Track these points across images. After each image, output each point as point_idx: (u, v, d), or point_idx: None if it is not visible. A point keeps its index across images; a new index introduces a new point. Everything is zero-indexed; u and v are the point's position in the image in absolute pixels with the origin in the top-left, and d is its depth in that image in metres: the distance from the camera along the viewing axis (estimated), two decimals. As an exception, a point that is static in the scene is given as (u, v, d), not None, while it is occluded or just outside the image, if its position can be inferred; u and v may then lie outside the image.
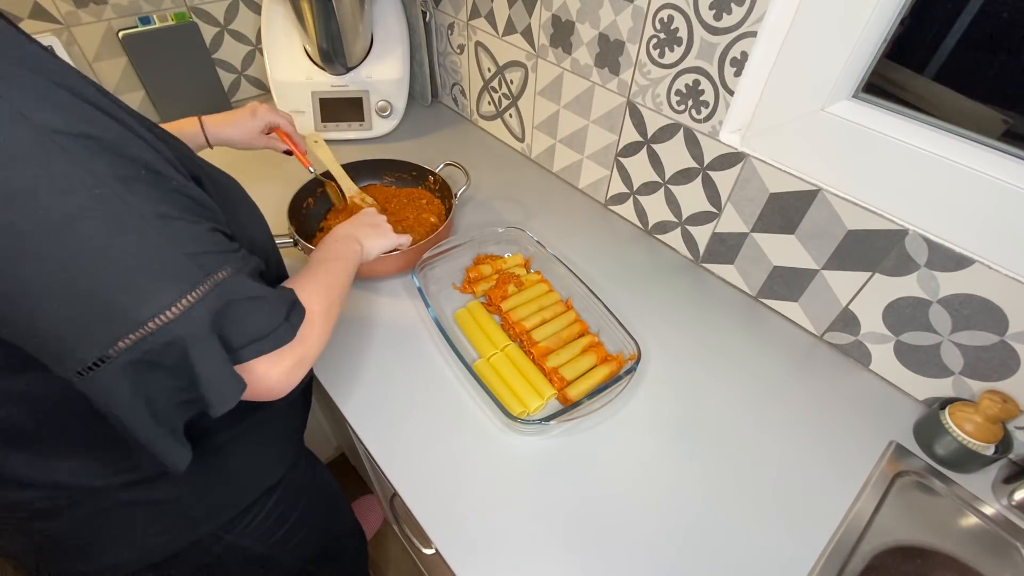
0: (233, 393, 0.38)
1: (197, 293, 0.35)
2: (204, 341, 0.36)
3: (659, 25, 0.73)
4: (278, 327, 0.41)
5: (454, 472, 0.60)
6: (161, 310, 0.33)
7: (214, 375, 0.37)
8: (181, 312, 0.34)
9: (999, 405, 0.57)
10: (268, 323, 0.40)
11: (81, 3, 0.96)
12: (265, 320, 0.40)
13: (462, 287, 0.81)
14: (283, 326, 0.41)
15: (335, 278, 0.54)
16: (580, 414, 0.63)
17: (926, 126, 0.61)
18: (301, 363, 0.44)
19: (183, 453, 0.39)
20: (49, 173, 0.29)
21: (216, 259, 0.37)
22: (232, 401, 0.38)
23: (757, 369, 0.72)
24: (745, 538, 0.56)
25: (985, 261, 0.56)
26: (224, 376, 0.37)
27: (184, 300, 0.34)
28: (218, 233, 0.39)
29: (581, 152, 0.98)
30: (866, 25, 0.58)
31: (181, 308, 0.34)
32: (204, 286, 0.35)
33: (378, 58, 1.08)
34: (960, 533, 0.60)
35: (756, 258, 0.78)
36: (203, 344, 0.36)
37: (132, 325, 0.33)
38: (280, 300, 0.42)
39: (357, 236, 0.64)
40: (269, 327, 0.40)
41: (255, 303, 0.39)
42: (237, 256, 0.39)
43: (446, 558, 0.54)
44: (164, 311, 0.33)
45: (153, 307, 0.33)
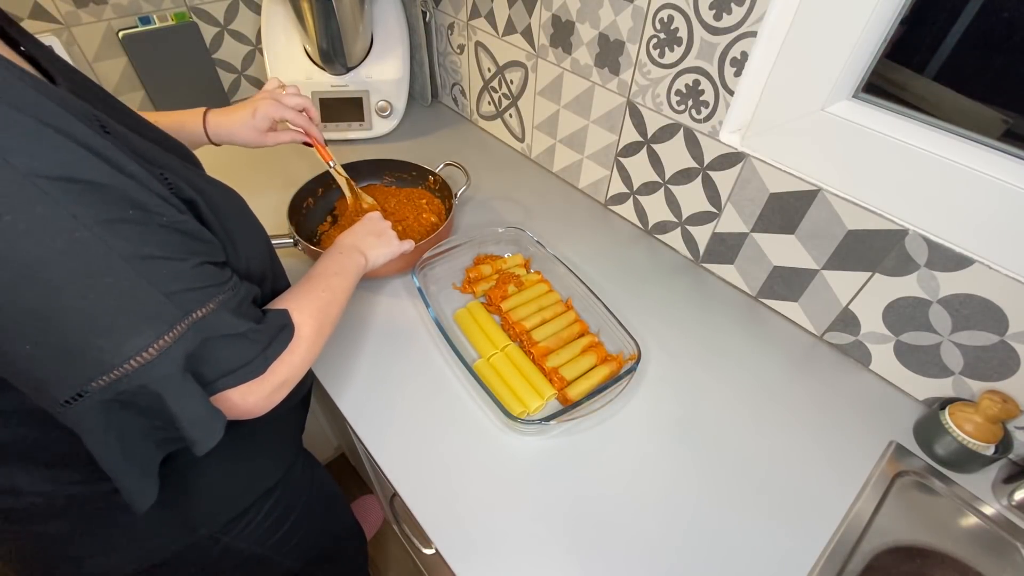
0: (214, 430, 0.39)
1: (173, 334, 0.35)
2: (178, 382, 0.36)
3: (659, 25, 0.73)
4: (252, 360, 0.41)
5: (454, 472, 0.60)
6: (136, 353, 0.33)
7: (192, 414, 0.37)
8: (156, 355, 0.34)
9: (999, 405, 0.57)
10: (242, 358, 0.41)
11: (81, 3, 0.96)
12: (239, 355, 0.41)
13: (462, 287, 0.81)
14: (257, 359, 0.42)
15: (332, 295, 0.54)
16: (580, 414, 0.63)
17: (926, 126, 0.61)
18: (282, 387, 0.45)
19: (147, 494, 0.39)
20: (27, 217, 0.29)
21: (197, 296, 0.37)
22: (214, 438, 0.39)
23: (757, 369, 0.72)
24: (745, 538, 0.56)
25: (985, 261, 0.56)
26: (202, 414, 0.38)
27: (160, 342, 0.34)
28: (206, 266, 0.39)
29: (581, 152, 0.98)
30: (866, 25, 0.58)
31: (156, 350, 0.34)
32: (181, 325, 0.36)
33: (378, 58, 1.08)
34: (960, 533, 0.60)
35: (756, 258, 0.78)
36: (177, 385, 0.36)
37: (106, 368, 0.33)
38: (260, 334, 0.42)
39: (361, 248, 0.64)
40: (242, 361, 0.41)
41: (232, 340, 0.40)
42: (224, 288, 0.40)
43: (446, 558, 0.54)
44: (139, 354, 0.34)
45: (128, 350, 0.33)
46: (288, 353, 0.45)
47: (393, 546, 1.29)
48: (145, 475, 0.39)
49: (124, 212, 0.33)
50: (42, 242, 0.30)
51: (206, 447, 0.39)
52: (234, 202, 0.49)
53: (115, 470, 0.37)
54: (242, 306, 0.42)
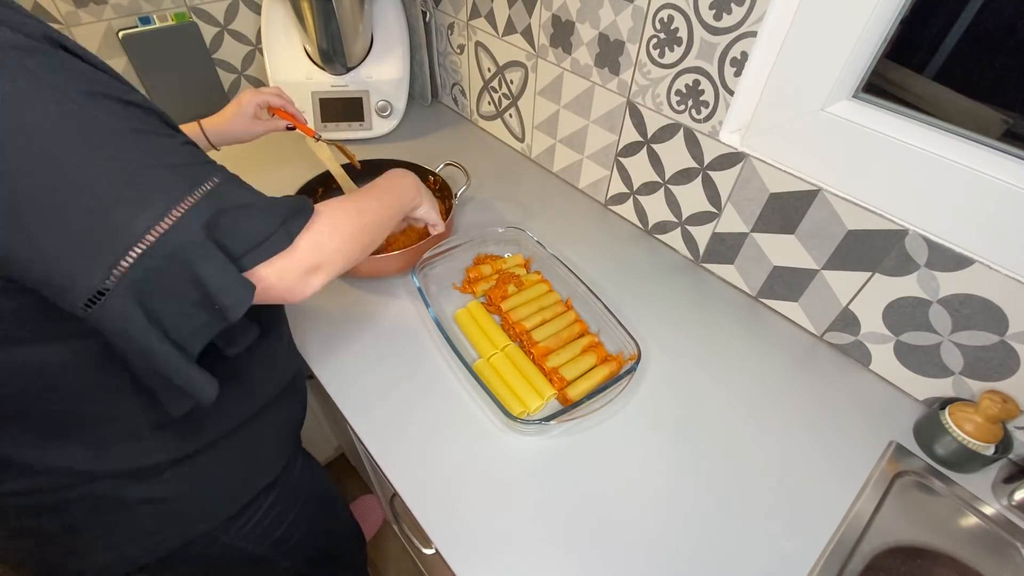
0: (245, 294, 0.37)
1: (188, 202, 0.34)
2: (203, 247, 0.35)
3: (659, 25, 0.73)
4: (273, 234, 0.40)
5: (454, 472, 0.60)
6: (156, 221, 0.33)
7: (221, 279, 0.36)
8: (175, 221, 0.34)
9: (999, 405, 0.57)
10: (262, 230, 0.39)
11: (81, 3, 0.96)
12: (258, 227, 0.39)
13: (462, 287, 0.81)
14: (279, 231, 0.40)
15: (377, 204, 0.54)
16: (580, 414, 0.63)
17: (926, 126, 0.61)
18: (318, 271, 0.43)
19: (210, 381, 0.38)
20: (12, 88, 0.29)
21: (198, 170, 0.36)
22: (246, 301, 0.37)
23: (757, 369, 0.72)
24: (745, 538, 0.56)
25: (985, 261, 0.56)
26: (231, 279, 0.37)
27: (177, 210, 0.34)
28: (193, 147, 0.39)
29: (581, 152, 0.98)
30: (866, 25, 0.58)
31: (175, 217, 0.34)
32: (194, 195, 0.35)
33: (378, 58, 1.08)
34: (960, 533, 0.60)
35: (756, 258, 0.78)
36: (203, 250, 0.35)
37: (130, 240, 0.32)
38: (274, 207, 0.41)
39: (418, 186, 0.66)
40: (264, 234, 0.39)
41: (247, 211, 0.38)
42: (218, 167, 0.39)
43: (446, 558, 0.54)
44: (159, 222, 0.33)
45: (147, 219, 0.33)
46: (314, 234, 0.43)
47: (393, 546, 1.29)
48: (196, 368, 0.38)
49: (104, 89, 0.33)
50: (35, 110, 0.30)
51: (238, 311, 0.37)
52: None
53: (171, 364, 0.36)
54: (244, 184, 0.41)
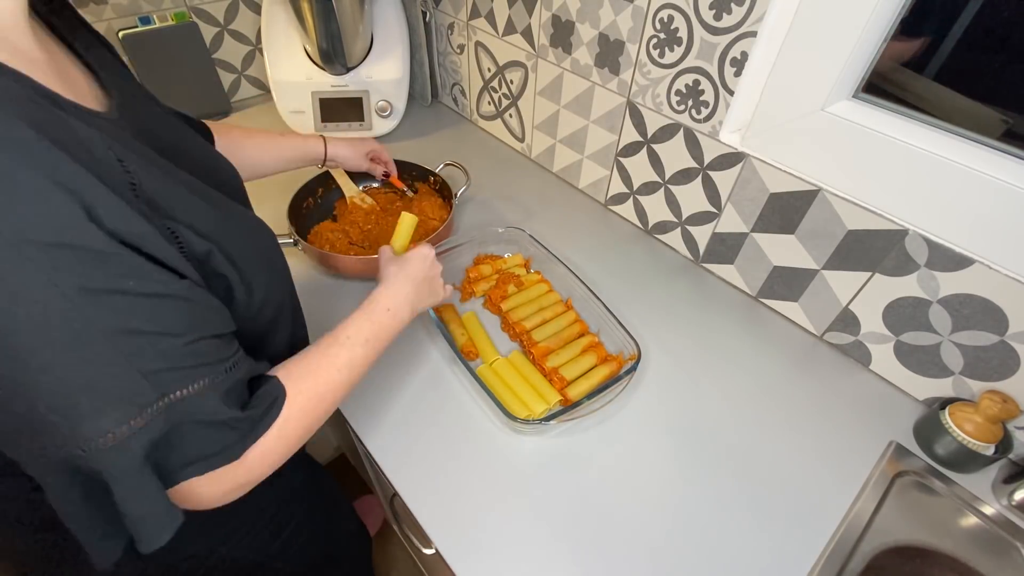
0: (163, 530, 0.35)
1: (141, 419, 0.31)
2: (134, 474, 0.32)
3: (659, 25, 0.73)
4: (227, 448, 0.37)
5: (454, 472, 0.60)
6: (93, 438, 0.30)
7: (141, 511, 0.33)
8: (115, 442, 0.31)
9: (999, 405, 0.57)
10: (216, 444, 0.36)
11: (81, 3, 0.96)
12: (214, 442, 0.36)
13: (462, 287, 0.81)
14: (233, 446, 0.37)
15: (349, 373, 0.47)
16: (580, 414, 0.63)
17: (926, 126, 0.61)
18: (242, 488, 0.40)
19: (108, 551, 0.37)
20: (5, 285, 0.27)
21: (181, 376, 0.33)
22: (162, 540, 0.35)
23: (757, 369, 0.72)
24: (745, 538, 0.56)
25: (985, 261, 0.56)
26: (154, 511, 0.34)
27: (123, 428, 0.31)
28: (206, 341, 0.35)
29: (581, 152, 0.98)
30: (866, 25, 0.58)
31: (116, 437, 0.31)
32: (151, 409, 0.32)
33: (378, 58, 1.08)
34: (960, 533, 0.60)
35: (756, 258, 0.78)
36: (133, 477, 0.32)
37: (59, 445, 0.30)
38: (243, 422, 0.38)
39: (413, 303, 0.57)
40: (215, 448, 0.36)
41: (211, 427, 0.36)
42: (217, 368, 0.36)
43: (446, 558, 0.54)
44: (96, 439, 0.30)
45: (85, 433, 0.30)
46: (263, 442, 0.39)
47: (393, 546, 1.29)
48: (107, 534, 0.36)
49: (116, 282, 0.30)
50: (13, 312, 0.27)
51: (151, 547, 0.34)
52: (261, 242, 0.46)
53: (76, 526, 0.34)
54: (234, 389, 0.37)
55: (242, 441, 0.38)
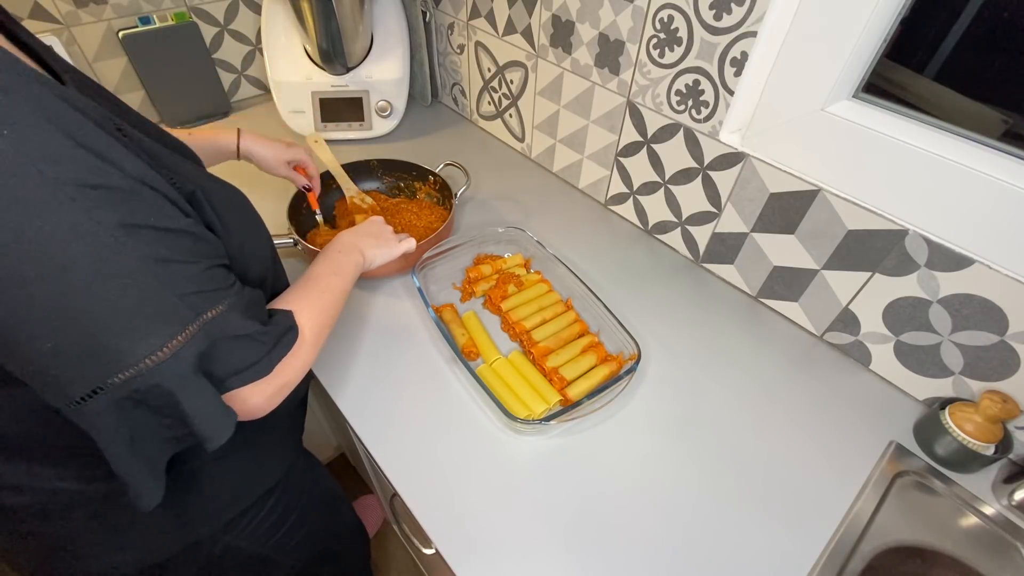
0: (226, 426, 0.40)
1: (186, 334, 0.36)
2: (191, 380, 0.37)
3: (659, 25, 0.73)
4: (258, 361, 0.43)
5: (454, 472, 0.60)
6: (151, 352, 0.35)
7: (204, 411, 0.38)
8: (170, 354, 0.35)
9: (999, 405, 0.57)
10: (249, 358, 0.42)
11: (81, 3, 0.96)
12: (249, 355, 0.42)
13: (462, 287, 0.81)
14: (263, 361, 0.43)
15: (331, 296, 0.55)
16: (580, 414, 0.63)
17: (926, 126, 0.61)
18: (283, 389, 0.46)
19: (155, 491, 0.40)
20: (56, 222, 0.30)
21: (207, 298, 0.38)
22: (226, 434, 0.40)
23: (757, 369, 0.72)
24: (745, 538, 0.56)
25: (985, 261, 0.56)
26: (215, 411, 0.39)
27: (173, 342, 0.36)
28: (215, 269, 0.40)
29: (581, 152, 0.98)
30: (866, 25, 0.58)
31: (170, 350, 0.35)
32: (193, 326, 0.37)
33: (378, 58, 1.08)
34: (960, 533, 0.60)
35: (756, 258, 0.78)
36: (190, 383, 0.37)
37: (121, 366, 0.34)
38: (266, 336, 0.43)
39: (360, 246, 0.64)
40: (249, 362, 0.42)
41: (240, 340, 0.41)
42: (231, 292, 0.41)
43: (446, 558, 0.54)
44: (154, 353, 0.35)
45: (143, 349, 0.34)
46: (291, 356, 0.46)
47: (393, 546, 1.29)
48: (153, 474, 0.40)
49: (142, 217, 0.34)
50: (69, 246, 0.31)
51: (217, 443, 0.40)
52: (237, 199, 0.50)
53: (124, 468, 0.37)
54: (249, 308, 0.43)
55: (268, 355, 0.43)
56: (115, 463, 0.37)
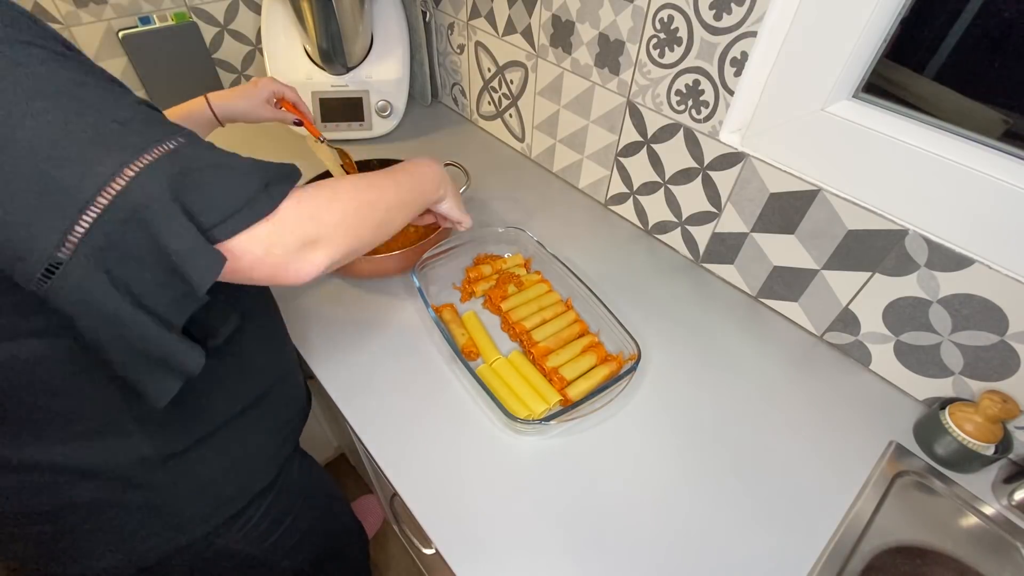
0: (213, 263, 0.33)
1: (146, 159, 0.31)
2: (165, 210, 0.31)
3: (659, 25, 0.73)
4: (252, 198, 0.35)
5: (454, 472, 0.60)
6: (107, 180, 0.30)
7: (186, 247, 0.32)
8: (132, 178, 0.30)
9: (999, 405, 0.57)
10: (239, 193, 0.34)
11: (81, 3, 0.96)
12: (234, 189, 0.34)
13: (462, 287, 0.81)
14: (261, 196, 0.35)
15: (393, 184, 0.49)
16: (580, 414, 0.63)
17: (926, 126, 0.61)
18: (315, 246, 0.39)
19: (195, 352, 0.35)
20: None
21: (158, 130, 0.33)
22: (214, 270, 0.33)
23: (757, 369, 0.72)
24: (745, 538, 0.56)
25: (985, 261, 0.56)
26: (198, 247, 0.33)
27: (132, 167, 0.30)
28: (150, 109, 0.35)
29: (581, 152, 0.98)
30: (866, 25, 0.58)
31: (130, 174, 0.30)
32: (152, 153, 0.31)
33: (378, 58, 1.08)
34: (960, 533, 0.60)
35: (756, 258, 0.78)
36: (165, 214, 0.31)
37: (81, 202, 0.29)
38: (253, 166, 0.36)
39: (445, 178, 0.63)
40: (241, 198, 0.34)
41: (217, 171, 0.34)
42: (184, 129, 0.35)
43: (446, 558, 0.54)
44: (112, 180, 0.30)
45: (98, 178, 0.29)
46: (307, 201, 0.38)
47: (393, 546, 1.29)
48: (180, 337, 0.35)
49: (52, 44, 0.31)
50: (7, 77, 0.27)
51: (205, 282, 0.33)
52: None
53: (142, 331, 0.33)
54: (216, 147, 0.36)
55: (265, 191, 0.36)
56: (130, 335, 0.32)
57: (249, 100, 0.74)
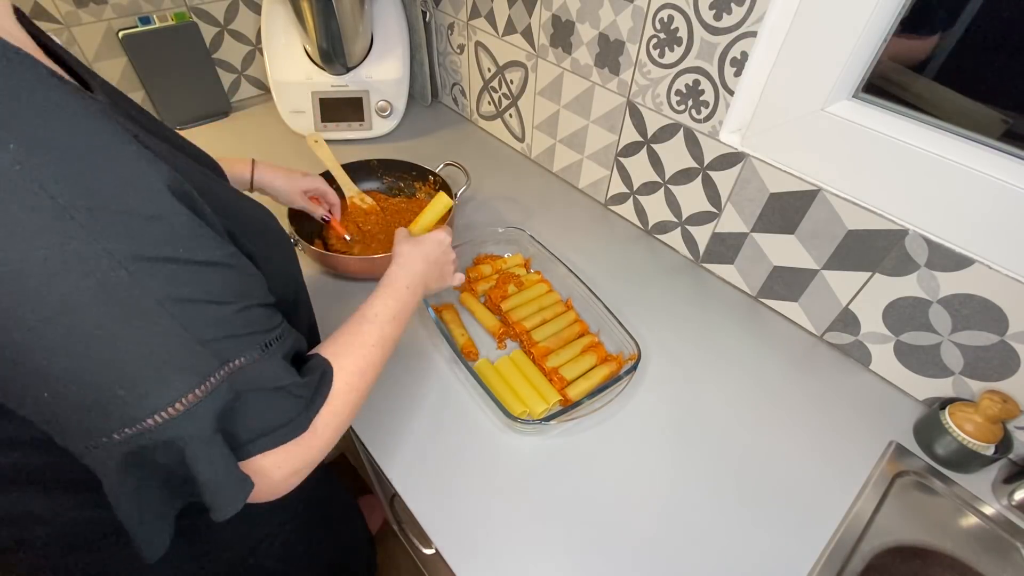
0: (237, 497, 0.35)
1: (206, 387, 0.32)
2: (206, 442, 0.32)
3: (659, 25, 0.73)
4: (295, 419, 0.37)
5: (454, 472, 0.60)
6: (162, 407, 0.30)
7: (216, 478, 0.33)
8: (184, 410, 0.31)
9: (999, 405, 0.57)
10: (285, 415, 0.37)
11: (81, 3, 0.96)
12: (282, 412, 0.37)
13: (462, 287, 0.81)
14: (301, 417, 0.37)
15: (382, 350, 0.48)
16: (580, 414, 0.63)
17: (926, 126, 0.61)
18: (307, 466, 0.40)
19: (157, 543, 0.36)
20: (60, 254, 0.26)
21: (239, 344, 0.34)
22: (236, 506, 0.35)
23: (757, 369, 0.72)
24: (745, 538, 0.56)
25: (985, 261, 0.56)
26: (227, 480, 0.34)
27: (190, 395, 0.31)
28: (254, 309, 0.35)
29: (581, 152, 0.98)
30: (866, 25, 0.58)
31: (185, 405, 0.31)
32: (215, 377, 0.32)
33: (378, 58, 1.08)
34: (960, 533, 0.60)
35: (756, 258, 0.78)
36: (205, 445, 0.32)
37: (127, 421, 0.30)
38: (304, 388, 0.38)
39: (428, 285, 0.60)
40: (283, 420, 0.37)
41: (274, 394, 0.36)
42: (270, 334, 0.36)
43: (446, 558, 0.54)
44: (165, 408, 0.30)
45: (154, 404, 0.30)
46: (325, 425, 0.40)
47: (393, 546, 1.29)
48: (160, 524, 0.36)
49: (165, 249, 0.30)
50: (73, 281, 0.27)
51: (225, 515, 0.34)
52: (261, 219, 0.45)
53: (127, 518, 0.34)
54: (288, 356, 0.38)
55: (306, 410, 0.38)
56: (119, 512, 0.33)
57: (290, 185, 0.75)
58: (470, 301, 0.78)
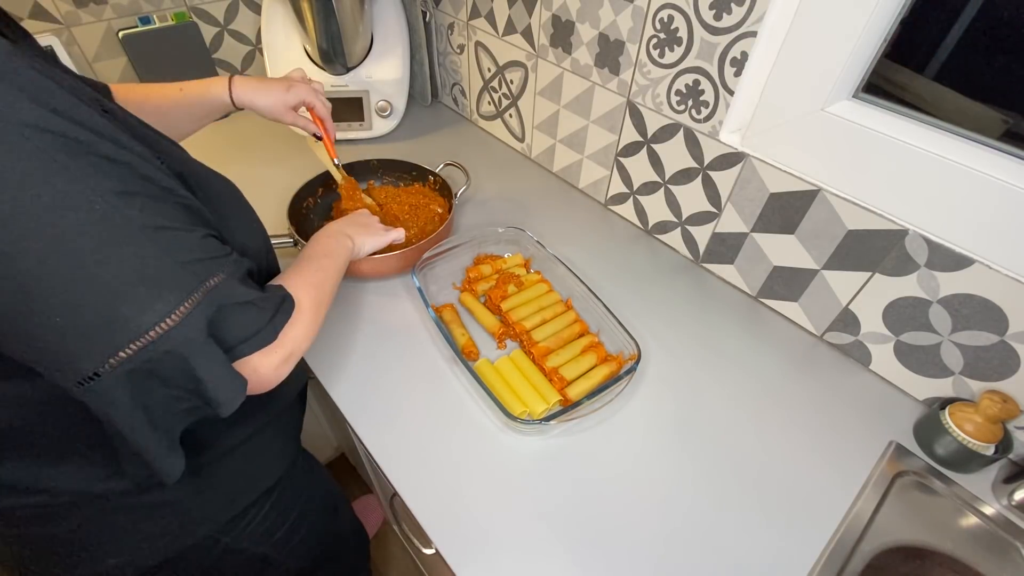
0: (238, 390, 0.40)
1: (193, 300, 0.36)
2: (202, 345, 0.37)
3: (659, 25, 0.73)
4: (262, 328, 0.43)
5: (454, 472, 0.60)
6: (161, 318, 0.35)
7: (217, 376, 0.39)
8: (179, 319, 0.36)
9: (999, 405, 0.57)
10: (255, 325, 0.42)
11: (81, 3, 0.96)
12: (253, 322, 0.42)
13: (462, 287, 0.81)
14: (267, 328, 0.43)
15: (324, 275, 0.55)
16: (580, 414, 0.63)
17: (926, 126, 0.61)
18: (289, 358, 0.46)
19: (177, 463, 0.41)
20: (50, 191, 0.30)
21: (208, 266, 0.38)
22: (239, 398, 0.40)
23: (757, 369, 0.72)
24: (745, 538, 0.56)
25: (985, 261, 0.56)
26: (227, 376, 0.39)
27: (182, 307, 0.36)
28: (211, 239, 0.40)
29: (581, 152, 0.98)
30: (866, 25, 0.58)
31: (179, 315, 0.36)
32: (199, 293, 0.37)
33: (378, 58, 1.08)
34: (960, 533, 0.60)
35: (756, 258, 0.78)
36: (201, 347, 0.37)
37: (133, 334, 0.34)
38: (267, 302, 0.44)
39: (348, 233, 0.65)
40: (254, 329, 0.42)
41: (243, 308, 0.41)
42: (229, 260, 0.41)
43: (446, 558, 0.54)
44: (164, 319, 0.35)
45: (153, 316, 0.34)
46: (291, 325, 0.46)
47: (393, 546, 1.29)
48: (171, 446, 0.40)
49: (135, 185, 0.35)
50: (66, 214, 0.31)
51: (230, 408, 0.40)
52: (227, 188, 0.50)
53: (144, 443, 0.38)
54: (247, 277, 0.43)
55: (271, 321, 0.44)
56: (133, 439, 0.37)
57: (273, 99, 0.70)
58: (470, 301, 0.78)
